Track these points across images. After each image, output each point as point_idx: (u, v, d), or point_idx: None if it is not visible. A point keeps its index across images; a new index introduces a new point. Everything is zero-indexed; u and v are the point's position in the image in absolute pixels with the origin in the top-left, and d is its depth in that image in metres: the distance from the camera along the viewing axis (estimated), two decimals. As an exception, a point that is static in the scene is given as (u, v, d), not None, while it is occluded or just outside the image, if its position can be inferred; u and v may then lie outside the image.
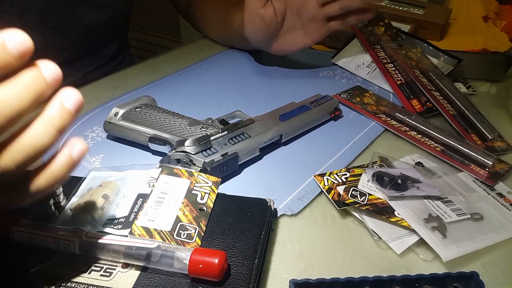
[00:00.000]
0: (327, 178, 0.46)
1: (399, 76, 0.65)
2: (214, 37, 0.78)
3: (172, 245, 0.34)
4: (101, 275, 0.32)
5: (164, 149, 0.47)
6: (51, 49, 0.62)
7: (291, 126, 0.51)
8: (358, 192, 0.43)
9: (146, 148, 0.48)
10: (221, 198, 0.40)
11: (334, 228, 0.41)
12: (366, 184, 0.44)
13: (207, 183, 0.40)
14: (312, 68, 0.70)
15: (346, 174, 0.46)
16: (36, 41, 0.54)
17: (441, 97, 0.60)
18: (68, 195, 0.39)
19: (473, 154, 0.50)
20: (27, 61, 0.26)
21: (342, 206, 0.42)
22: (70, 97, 0.27)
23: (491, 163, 0.49)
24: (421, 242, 0.39)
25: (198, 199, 0.38)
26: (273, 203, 0.40)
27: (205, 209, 0.38)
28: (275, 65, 0.69)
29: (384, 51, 0.70)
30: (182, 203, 0.37)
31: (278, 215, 0.42)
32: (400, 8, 0.79)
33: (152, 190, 0.38)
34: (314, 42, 0.64)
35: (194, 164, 0.43)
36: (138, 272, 0.33)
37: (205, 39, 0.79)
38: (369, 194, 0.43)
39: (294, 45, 0.64)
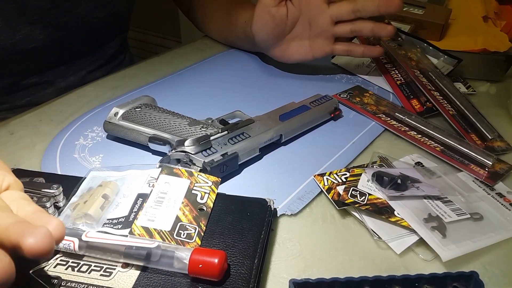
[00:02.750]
0: (327, 178, 0.46)
1: (399, 76, 0.66)
2: (216, 35, 0.78)
3: (172, 245, 0.34)
4: (101, 275, 0.32)
5: (164, 149, 0.47)
6: (52, 46, 0.62)
7: (291, 126, 0.51)
8: (358, 192, 0.43)
9: (146, 148, 0.48)
10: (221, 198, 0.40)
11: (334, 228, 0.41)
12: (366, 184, 0.44)
13: (207, 183, 0.40)
14: (312, 68, 0.70)
15: (346, 174, 0.46)
16: (37, 38, 0.55)
17: (441, 97, 0.60)
18: (68, 195, 0.39)
19: (473, 154, 0.50)
20: None
21: (342, 206, 0.42)
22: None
23: (490, 163, 0.49)
24: (421, 242, 0.39)
25: (198, 199, 0.38)
26: (273, 203, 0.40)
27: (205, 209, 0.38)
28: (275, 65, 0.69)
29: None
30: (182, 203, 0.38)
31: (278, 215, 0.42)
32: (400, 8, 0.79)
33: (152, 190, 0.38)
34: (315, 58, 0.64)
35: (194, 164, 0.43)
36: (138, 272, 0.33)
37: (205, 39, 0.79)
38: (369, 194, 0.43)
39: (296, 54, 0.64)
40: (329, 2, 0.60)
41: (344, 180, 0.45)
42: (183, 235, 0.35)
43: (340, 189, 0.44)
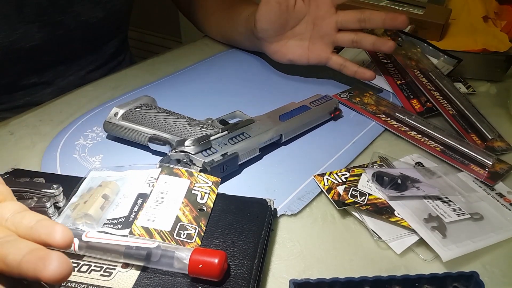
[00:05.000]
0: (327, 178, 0.46)
1: (399, 76, 0.65)
2: (215, 32, 0.78)
3: (172, 245, 0.34)
4: (101, 275, 0.32)
5: (164, 149, 0.47)
6: (50, 45, 0.62)
7: (291, 126, 0.51)
8: (358, 192, 0.43)
9: (146, 148, 0.48)
10: (221, 198, 0.40)
11: (334, 228, 0.41)
12: (366, 184, 0.44)
13: (207, 183, 0.40)
14: (312, 68, 0.69)
15: (346, 174, 0.46)
16: (35, 37, 0.54)
17: (441, 97, 0.60)
18: (68, 195, 0.39)
19: (473, 154, 0.50)
20: None
21: (342, 206, 0.42)
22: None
23: (491, 163, 0.49)
24: (421, 242, 0.39)
25: (198, 199, 0.38)
26: (273, 203, 0.40)
27: (205, 209, 0.38)
28: (275, 65, 0.69)
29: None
30: (182, 203, 0.37)
31: (278, 215, 0.42)
32: (400, 8, 0.79)
33: (152, 190, 0.38)
34: (309, 63, 0.64)
35: (194, 164, 0.43)
36: (138, 272, 0.33)
37: (205, 39, 0.79)
38: (369, 194, 0.43)
39: (291, 53, 0.63)
40: (337, 9, 0.60)
41: (344, 180, 0.45)
42: (183, 235, 0.35)
43: (340, 189, 0.44)
